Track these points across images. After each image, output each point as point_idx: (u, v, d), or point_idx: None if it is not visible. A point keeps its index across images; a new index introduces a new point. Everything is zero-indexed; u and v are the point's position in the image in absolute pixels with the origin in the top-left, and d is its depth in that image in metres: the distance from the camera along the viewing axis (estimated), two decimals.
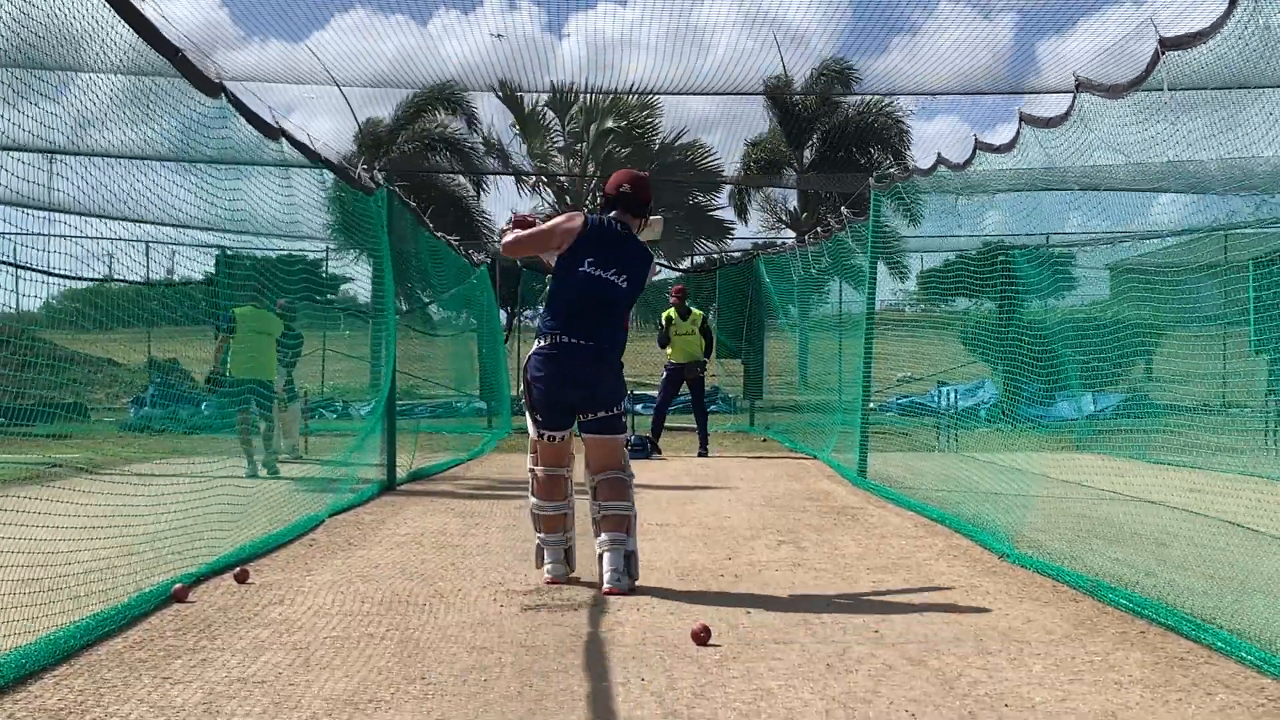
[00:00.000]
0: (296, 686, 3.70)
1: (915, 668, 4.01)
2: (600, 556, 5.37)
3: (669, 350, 13.50)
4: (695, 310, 13.83)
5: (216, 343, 10.43)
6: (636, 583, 5.37)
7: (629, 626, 4.63)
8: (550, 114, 24.25)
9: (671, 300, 13.76)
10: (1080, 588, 5.32)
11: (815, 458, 12.63)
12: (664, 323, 13.65)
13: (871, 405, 10.91)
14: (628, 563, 5.33)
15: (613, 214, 5.64)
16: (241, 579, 5.38)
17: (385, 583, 5.49)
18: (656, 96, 23.72)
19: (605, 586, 5.26)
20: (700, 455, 13.23)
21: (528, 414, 5.64)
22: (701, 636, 4.32)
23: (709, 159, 25.43)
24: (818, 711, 3.52)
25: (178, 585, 4.99)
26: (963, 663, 4.09)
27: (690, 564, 6.09)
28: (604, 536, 5.37)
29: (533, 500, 5.65)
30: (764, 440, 15.80)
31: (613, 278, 5.49)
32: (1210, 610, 4.60)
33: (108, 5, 4.62)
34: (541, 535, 5.63)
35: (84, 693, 3.59)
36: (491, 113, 25.06)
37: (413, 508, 8.40)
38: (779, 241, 25.19)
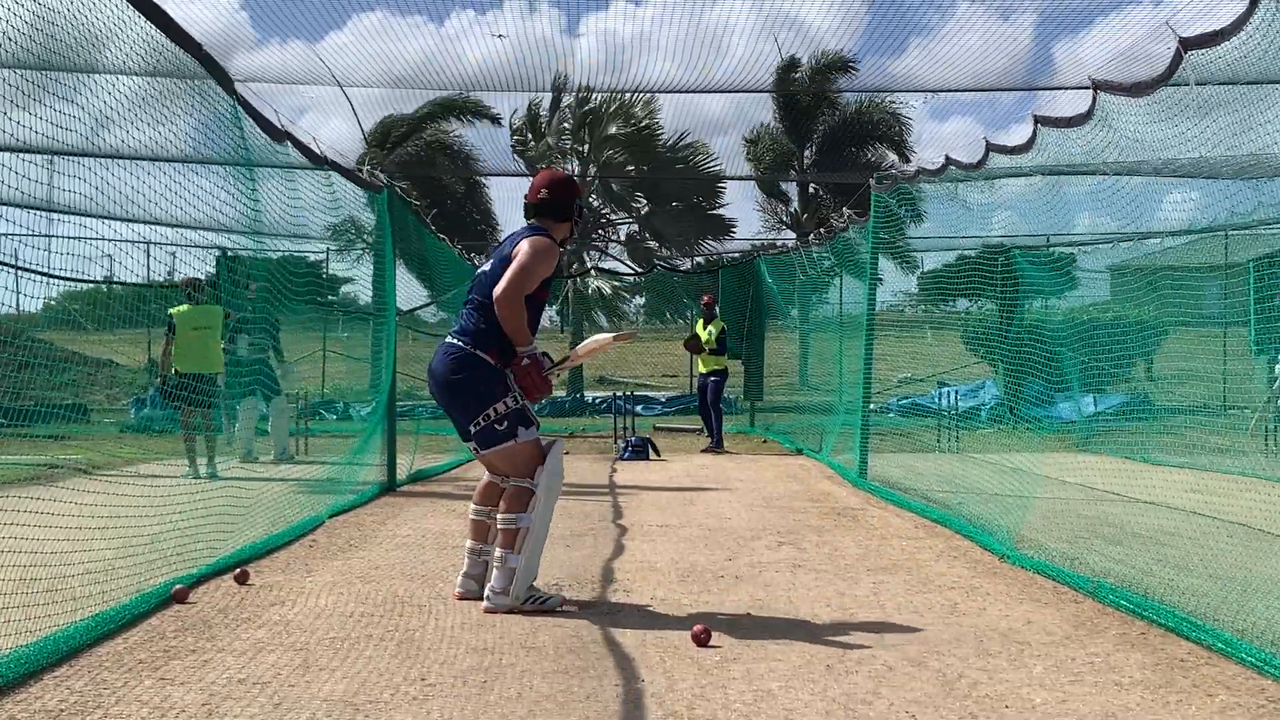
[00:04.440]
0: (296, 687, 3.70)
1: (916, 669, 4.01)
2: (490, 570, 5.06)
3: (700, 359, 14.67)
4: (718, 323, 14.56)
5: (163, 346, 10.51)
6: (529, 601, 4.92)
7: (629, 628, 4.63)
8: (557, 116, 24.29)
9: (702, 306, 14.84)
10: (1081, 589, 5.32)
11: (815, 459, 12.63)
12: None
13: (872, 406, 10.90)
14: (510, 580, 4.89)
15: (531, 221, 5.19)
16: (242, 580, 5.38)
17: (386, 584, 5.49)
18: (659, 97, 23.72)
19: (483, 604, 4.95)
20: (712, 451, 13.87)
21: None
22: (702, 638, 4.32)
23: (711, 160, 25.45)
24: (818, 712, 3.52)
25: (178, 586, 4.99)
26: (963, 664, 4.08)
27: (691, 565, 6.09)
28: (496, 553, 5.00)
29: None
30: (764, 441, 15.81)
31: (486, 269, 5.10)
32: (1211, 611, 4.59)
33: (129, 4, 4.62)
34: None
35: (84, 693, 3.59)
36: (501, 113, 25.11)
37: (413, 509, 8.40)
38: (779, 242, 25.18)
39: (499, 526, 5.00)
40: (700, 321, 14.79)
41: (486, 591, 4.98)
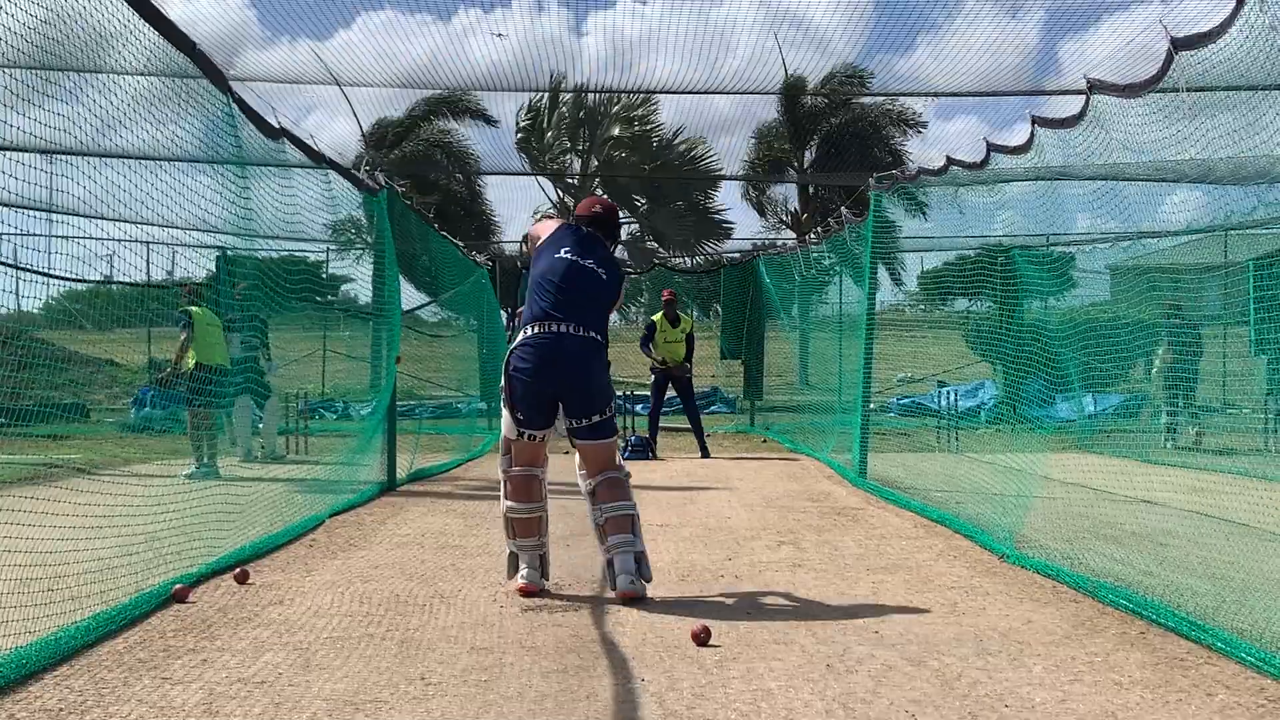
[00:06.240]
0: (297, 687, 3.70)
1: (915, 668, 4.01)
2: (609, 561, 5.14)
3: (654, 354, 13.41)
4: (685, 317, 13.77)
5: (180, 340, 10.54)
6: (650, 584, 5.15)
7: (629, 627, 4.63)
8: (561, 114, 24.32)
9: (663, 304, 13.69)
10: (1080, 588, 5.32)
11: (815, 458, 12.63)
12: (648, 329, 13.56)
13: (871, 405, 10.90)
14: (639, 564, 5.09)
15: (589, 229, 5.52)
16: (241, 579, 5.38)
17: (386, 583, 5.49)
18: (662, 96, 23.77)
19: (619, 590, 5.03)
20: (703, 457, 13.16)
21: (506, 412, 5.27)
22: (701, 637, 4.33)
23: (710, 159, 25.49)
24: (818, 712, 3.52)
25: (178, 585, 4.99)
26: (963, 663, 4.09)
27: (690, 564, 6.09)
28: (611, 539, 5.12)
29: (506, 504, 5.33)
30: (764, 441, 15.79)
31: (594, 268, 5.29)
32: (1210, 611, 4.59)
33: (126, 3, 4.62)
34: (516, 541, 5.31)
35: (84, 693, 3.59)
36: (504, 113, 25.19)
37: (413, 508, 8.40)
38: (779, 242, 25.20)
39: (614, 515, 5.15)
40: (661, 318, 13.32)
41: (622, 579, 5.05)
